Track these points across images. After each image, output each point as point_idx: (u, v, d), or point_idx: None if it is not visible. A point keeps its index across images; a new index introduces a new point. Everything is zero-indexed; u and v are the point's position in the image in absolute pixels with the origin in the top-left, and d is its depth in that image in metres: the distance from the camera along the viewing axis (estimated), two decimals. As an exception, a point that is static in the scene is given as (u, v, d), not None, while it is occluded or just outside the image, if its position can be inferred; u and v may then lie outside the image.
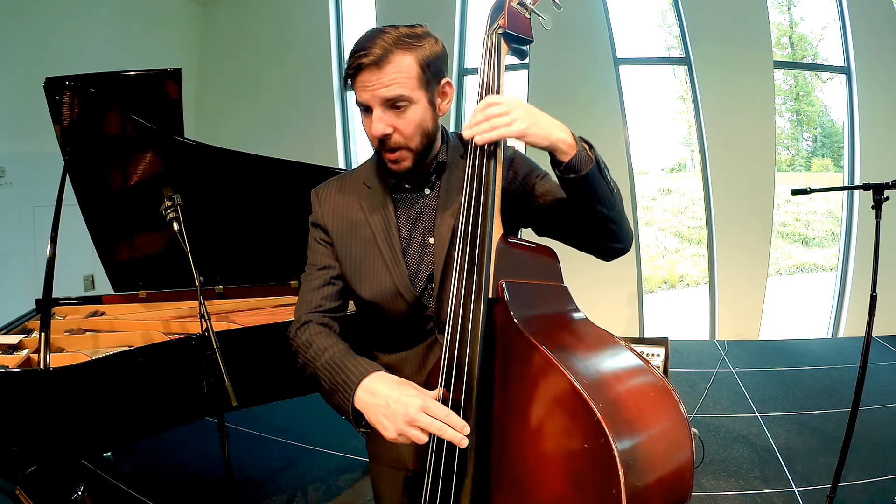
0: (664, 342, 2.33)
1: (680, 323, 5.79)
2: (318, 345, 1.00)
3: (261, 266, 2.68)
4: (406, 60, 0.93)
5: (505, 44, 0.97)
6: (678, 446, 0.77)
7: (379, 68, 0.92)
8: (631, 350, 0.85)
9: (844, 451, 2.00)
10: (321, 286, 1.08)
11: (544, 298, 0.92)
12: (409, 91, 0.94)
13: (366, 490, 2.44)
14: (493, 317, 0.87)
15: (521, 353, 0.81)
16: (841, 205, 4.73)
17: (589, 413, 0.71)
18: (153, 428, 1.88)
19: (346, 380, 0.92)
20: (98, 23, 4.19)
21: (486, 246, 0.88)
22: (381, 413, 0.85)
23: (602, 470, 0.70)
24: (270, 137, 5.00)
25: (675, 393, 0.79)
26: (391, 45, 0.92)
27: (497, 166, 0.93)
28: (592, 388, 0.73)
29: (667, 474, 0.75)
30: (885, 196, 1.96)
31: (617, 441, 0.69)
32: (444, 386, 0.89)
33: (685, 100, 5.79)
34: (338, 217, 1.08)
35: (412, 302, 1.03)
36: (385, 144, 0.98)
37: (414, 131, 0.97)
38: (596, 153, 0.90)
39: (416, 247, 1.05)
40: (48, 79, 1.99)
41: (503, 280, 0.86)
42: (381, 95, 0.93)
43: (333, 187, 1.11)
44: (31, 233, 3.69)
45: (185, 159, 2.27)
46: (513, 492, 0.82)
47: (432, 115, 1.00)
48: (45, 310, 1.83)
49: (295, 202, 2.44)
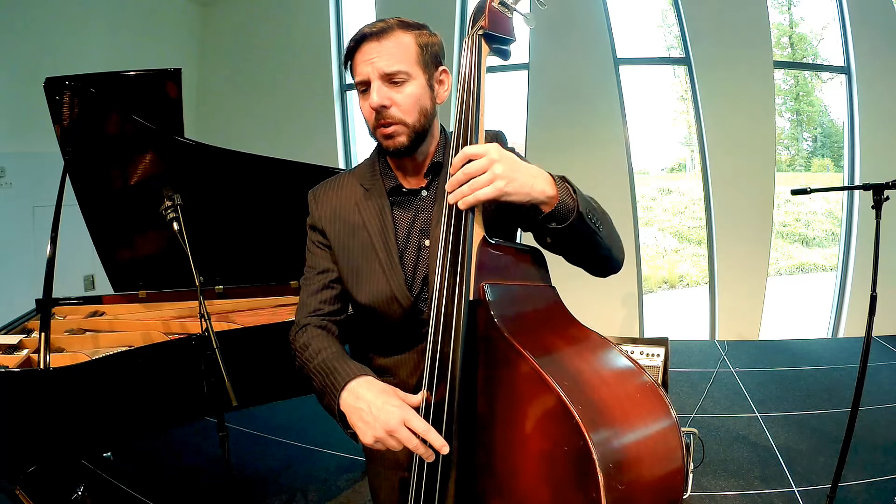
0: (664, 342, 2.33)
1: (680, 323, 5.79)
2: (313, 347, 1.01)
3: (261, 266, 2.68)
4: (406, 38, 0.97)
5: (486, 44, 0.96)
6: (666, 448, 0.76)
7: (379, 41, 0.95)
8: (620, 351, 0.84)
9: (844, 451, 2.00)
10: (320, 290, 1.08)
11: (528, 300, 0.91)
12: (408, 66, 0.96)
13: (365, 490, 2.44)
14: (476, 319, 0.86)
15: (502, 355, 0.81)
16: (841, 205, 4.73)
17: (567, 415, 0.70)
18: (153, 428, 1.88)
19: (335, 382, 0.93)
20: (98, 23, 4.20)
21: (467, 248, 0.87)
22: (361, 417, 0.87)
23: (581, 473, 0.69)
24: (270, 137, 5.00)
25: (664, 394, 0.79)
26: (393, 24, 0.97)
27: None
28: (572, 390, 0.73)
29: (653, 477, 0.74)
30: (885, 196, 1.96)
31: (596, 444, 0.68)
32: (426, 388, 0.89)
33: (685, 100, 5.79)
34: (335, 220, 1.08)
35: (408, 307, 1.02)
36: (381, 117, 0.97)
37: (411, 106, 0.97)
38: (579, 196, 0.87)
39: (412, 250, 1.05)
40: (48, 79, 1.99)
41: (485, 282, 0.86)
42: (381, 68, 0.95)
43: (330, 189, 1.11)
44: (31, 233, 3.69)
45: (184, 159, 2.27)
46: (497, 493, 0.82)
47: (430, 96, 1.00)
48: (45, 310, 1.83)
49: (294, 202, 2.44)
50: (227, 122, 5.19)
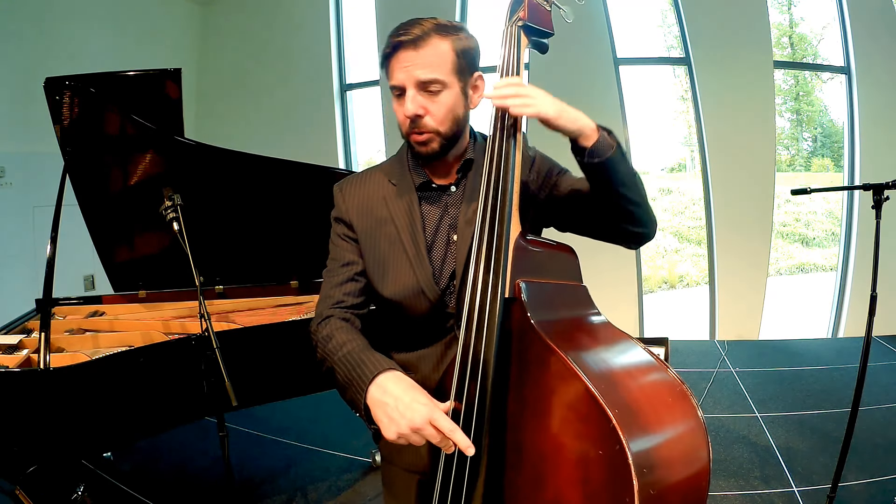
0: (664, 342, 2.33)
1: (680, 323, 5.79)
2: (337, 339, 0.99)
3: (261, 266, 2.67)
4: (443, 46, 0.96)
5: (525, 36, 0.96)
6: (695, 451, 0.75)
7: (416, 49, 0.94)
8: (649, 352, 0.83)
9: (844, 451, 2.00)
10: (344, 282, 1.07)
11: (562, 298, 0.89)
12: (444, 75, 0.96)
13: (365, 490, 2.44)
14: (510, 316, 0.85)
15: (537, 354, 0.80)
16: (841, 205, 4.73)
17: (604, 418, 0.69)
18: (153, 428, 1.88)
19: (361, 374, 0.90)
20: (98, 22, 4.20)
21: (504, 243, 0.87)
22: (387, 412, 0.84)
23: (616, 477, 0.68)
24: (270, 137, 5.00)
25: (692, 395, 0.77)
26: (430, 29, 0.95)
27: (517, 154, 0.92)
28: (608, 392, 0.71)
29: (682, 480, 0.73)
30: (885, 196, 1.95)
31: (632, 448, 0.67)
32: (456, 391, 0.88)
33: (685, 100, 5.79)
34: (363, 213, 1.07)
35: (435, 301, 1.02)
36: (415, 126, 0.98)
37: (445, 115, 0.98)
38: (616, 138, 0.92)
39: (440, 244, 1.05)
40: (48, 79, 1.99)
41: (521, 279, 0.85)
42: (416, 76, 0.95)
43: (357, 183, 1.11)
44: (31, 233, 3.69)
45: (185, 159, 2.27)
46: (525, 495, 0.81)
47: (464, 104, 1.01)
48: (45, 310, 1.83)
49: (294, 202, 2.46)
50: (227, 122, 5.18)
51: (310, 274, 2.69)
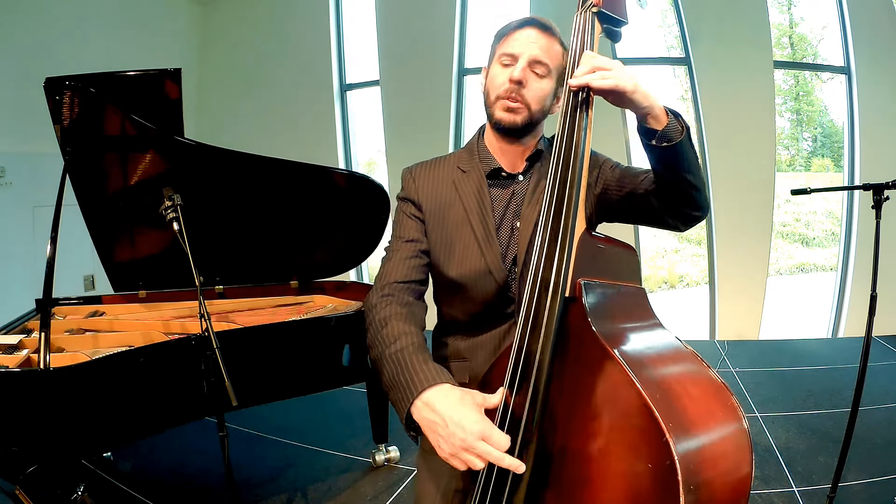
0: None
1: (680, 323, 5.78)
2: (393, 328, 0.95)
3: (261, 266, 2.68)
4: (560, 49, 1.07)
5: (599, 24, 0.95)
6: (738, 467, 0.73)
7: (545, 34, 1.05)
8: (698, 358, 0.80)
9: (844, 451, 2.00)
10: (410, 257, 1.07)
11: (623, 301, 0.86)
12: (553, 67, 1.05)
13: (365, 490, 2.44)
14: (568, 316, 0.82)
15: (592, 358, 0.77)
16: (841, 205, 4.73)
17: (658, 432, 0.67)
18: (153, 428, 1.88)
19: (409, 382, 0.86)
20: (98, 23, 4.20)
21: (569, 237, 0.84)
22: (436, 431, 0.81)
23: (663, 493, 0.66)
24: (270, 137, 5.00)
25: (740, 410, 0.76)
26: (558, 32, 1.07)
27: (586, 146, 0.90)
28: (661, 402, 0.69)
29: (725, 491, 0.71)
30: (885, 196, 1.95)
31: (682, 465, 0.66)
32: (507, 385, 0.86)
33: (685, 100, 5.78)
34: (431, 194, 1.10)
35: (501, 283, 1.04)
36: (513, 91, 1.03)
37: (539, 97, 1.05)
38: (684, 122, 0.93)
39: (506, 229, 1.08)
40: (48, 79, 1.99)
41: (582, 278, 0.82)
42: (535, 54, 1.03)
43: (427, 167, 1.15)
44: (31, 233, 3.69)
45: (185, 159, 2.27)
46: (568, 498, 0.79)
47: (551, 101, 1.08)
48: (45, 310, 1.83)
49: (294, 202, 2.45)
50: (227, 122, 5.19)
51: (310, 274, 2.68)
